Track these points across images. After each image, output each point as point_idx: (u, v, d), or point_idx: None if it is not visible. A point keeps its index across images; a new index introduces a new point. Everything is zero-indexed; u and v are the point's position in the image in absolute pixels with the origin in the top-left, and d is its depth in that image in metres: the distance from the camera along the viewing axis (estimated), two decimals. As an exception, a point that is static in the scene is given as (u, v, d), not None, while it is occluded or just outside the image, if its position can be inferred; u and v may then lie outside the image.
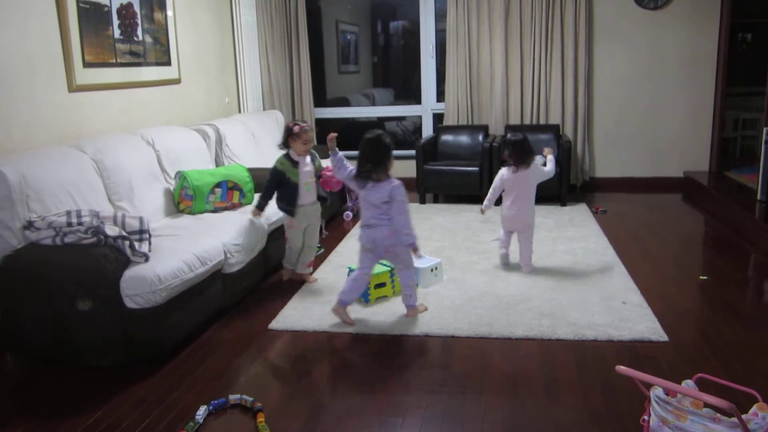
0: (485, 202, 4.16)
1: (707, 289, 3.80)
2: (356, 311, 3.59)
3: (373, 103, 7.49)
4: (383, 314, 3.53)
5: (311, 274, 4.12)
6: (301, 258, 4.06)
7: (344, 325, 3.40)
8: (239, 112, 6.40)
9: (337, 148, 3.42)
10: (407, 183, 6.45)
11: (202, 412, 2.58)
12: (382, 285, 3.76)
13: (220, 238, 3.54)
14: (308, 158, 3.90)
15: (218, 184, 4.16)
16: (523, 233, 4.10)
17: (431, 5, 6.84)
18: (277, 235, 4.28)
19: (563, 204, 5.85)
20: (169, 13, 5.03)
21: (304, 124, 3.88)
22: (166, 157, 4.27)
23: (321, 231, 3.99)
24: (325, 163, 4.06)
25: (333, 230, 5.48)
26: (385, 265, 3.84)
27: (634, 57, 6.47)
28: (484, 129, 6.52)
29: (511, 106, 6.61)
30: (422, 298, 3.75)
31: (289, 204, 3.90)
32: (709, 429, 1.95)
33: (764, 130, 5.25)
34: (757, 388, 2.38)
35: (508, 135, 4.08)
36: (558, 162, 3.82)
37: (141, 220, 3.22)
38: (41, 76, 3.74)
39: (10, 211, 3.08)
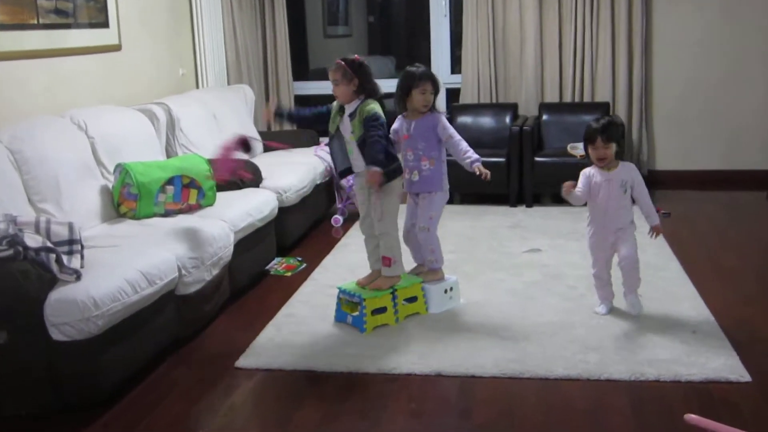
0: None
1: (800, 315, 3.81)
2: (349, 344, 3.59)
3: (369, 76, 7.51)
4: (383, 348, 3.52)
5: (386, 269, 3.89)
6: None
7: (335, 361, 3.40)
8: (197, 87, 6.40)
9: None
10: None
11: (150, 474, 2.57)
12: (381, 310, 3.76)
13: (172, 249, 3.54)
14: (353, 106, 3.74)
15: (170, 181, 4.16)
16: None
17: (443, -50, 6.88)
18: (244, 245, 4.28)
19: (614, 205, 5.87)
20: (107, -40, 5.03)
21: (341, 58, 3.73)
22: (103, 145, 4.27)
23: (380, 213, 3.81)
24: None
25: (317, 240, 5.48)
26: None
27: (705, 16, 6.47)
28: (512, 108, 6.51)
29: (546, 80, 6.61)
30: (434, 325, 3.75)
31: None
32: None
33: None
34: None
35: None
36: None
37: (71, 227, 3.21)
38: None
39: None
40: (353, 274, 4.19)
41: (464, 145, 3.94)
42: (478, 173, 3.90)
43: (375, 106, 3.70)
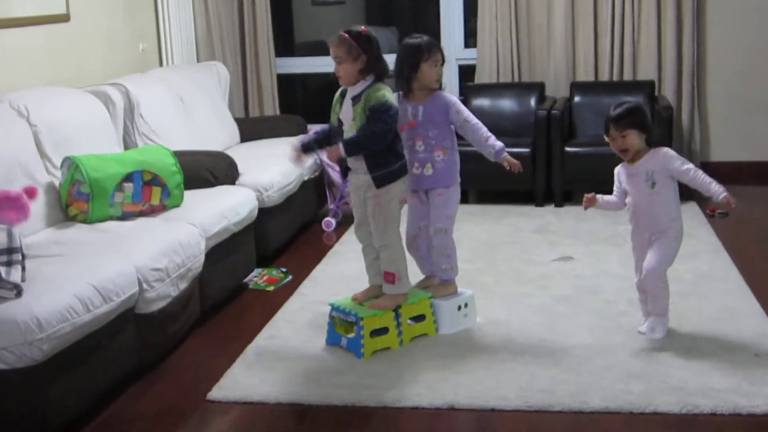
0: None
1: None
2: (344, 372, 3.59)
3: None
4: (385, 376, 3.53)
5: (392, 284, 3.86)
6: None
7: (327, 393, 3.40)
8: (160, 65, 6.41)
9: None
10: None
11: None
12: (382, 332, 3.76)
13: (132, 259, 3.54)
14: (359, 88, 3.73)
15: (128, 177, 4.16)
16: None
17: None
18: (218, 254, 4.28)
19: (661, 204, 5.87)
20: None
21: (344, 30, 3.73)
22: (48, 135, 4.27)
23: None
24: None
25: (305, 247, 5.48)
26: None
27: (769, -23, 6.49)
28: (539, 88, 6.52)
29: (579, 55, 6.62)
30: (445, 349, 3.76)
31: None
32: None
33: None
34: None
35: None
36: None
37: (10, 233, 3.21)
38: None
39: None
40: (348, 288, 4.19)
41: (484, 130, 3.95)
42: (507, 167, 3.93)
43: (387, 93, 3.69)
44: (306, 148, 3.88)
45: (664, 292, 3.76)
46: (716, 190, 3.66)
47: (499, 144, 3.95)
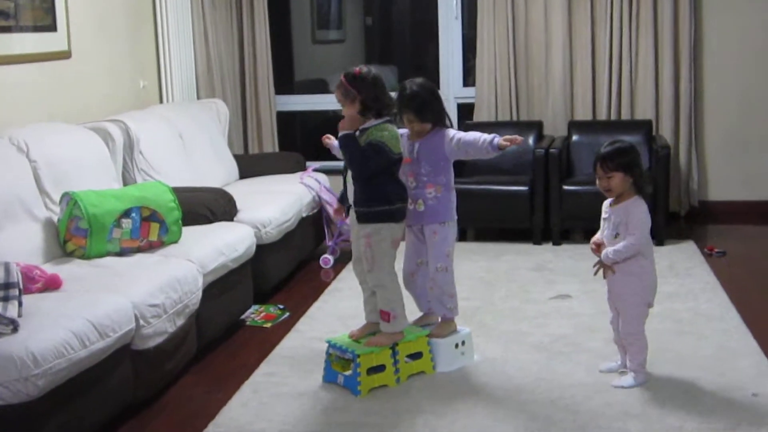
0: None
1: None
2: (341, 409, 3.58)
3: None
4: (382, 414, 3.52)
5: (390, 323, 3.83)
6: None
7: (324, 431, 3.38)
8: (160, 101, 6.44)
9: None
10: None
11: None
12: (379, 369, 3.76)
13: (129, 295, 3.54)
14: (366, 125, 3.73)
15: (127, 213, 4.17)
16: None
17: (454, -60, 6.96)
18: (215, 290, 4.28)
19: (659, 242, 5.87)
20: (55, -48, 5.09)
21: (343, 72, 3.74)
22: (48, 170, 4.29)
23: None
24: None
25: (303, 284, 5.47)
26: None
27: (766, 17, 6.53)
28: (537, 127, 6.55)
29: (577, 94, 6.66)
30: (442, 387, 3.75)
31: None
32: None
33: None
34: None
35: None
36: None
37: (7, 268, 3.22)
38: None
39: None
40: (345, 326, 4.20)
41: (475, 136, 3.90)
42: (509, 145, 3.83)
43: (387, 135, 3.68)
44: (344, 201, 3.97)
45: (639, 348, 3.70)
46: (609, 254, 3.63)
47: (489, 137, 3.87)
